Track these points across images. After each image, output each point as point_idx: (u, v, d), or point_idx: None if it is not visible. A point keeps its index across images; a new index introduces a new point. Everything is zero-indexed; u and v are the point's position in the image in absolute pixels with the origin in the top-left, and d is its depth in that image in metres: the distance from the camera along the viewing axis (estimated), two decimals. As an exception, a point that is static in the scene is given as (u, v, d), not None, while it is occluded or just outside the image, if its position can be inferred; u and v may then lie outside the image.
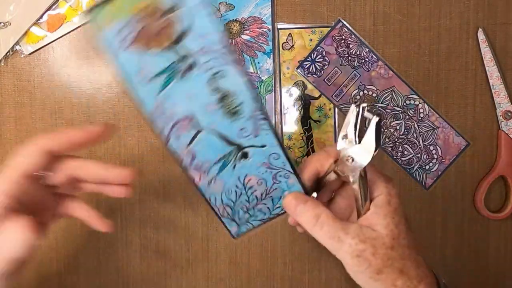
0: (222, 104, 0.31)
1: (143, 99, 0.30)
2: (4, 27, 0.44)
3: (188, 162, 0.33)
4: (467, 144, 0.47)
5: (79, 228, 0.47)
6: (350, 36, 0.46)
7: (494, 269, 0.48)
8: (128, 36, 0.28)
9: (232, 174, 0.34)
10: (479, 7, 0.46)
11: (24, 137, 0.46)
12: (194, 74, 0.30)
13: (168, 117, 0.31)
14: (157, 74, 0.30)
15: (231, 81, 0.30)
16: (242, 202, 0.35)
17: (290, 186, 0.34)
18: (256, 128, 0.32)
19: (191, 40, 0.29)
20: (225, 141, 0.32)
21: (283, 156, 0.33)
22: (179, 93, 0.30)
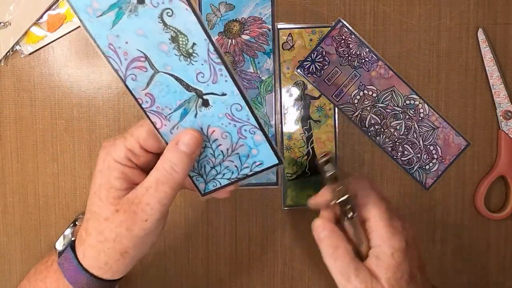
0: (175, 44, 0.30)
1: (95, 35, 0.30)
2: (4, 27, 0.44)
3: (148, 105, 0.32)
4: (467, 144, 0.47)
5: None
6: (350, 36, 0.46)
7: (494, 269, 0.48)
8: None
9: (195, 123, 0.33)
10: (479, 7, 0.46)
11: (24, 137, 0.46)
12: (143, 9, 0.29)
13: (122, 55, 0.30)
14: (106, 10, 0.29)
15: (181, 19, 0.29)
16: (208, 155, 0.34)
17: (257, 145, 0.34)
18: (213, 73, 0.31)
19: None
20: (183, 85, 0.32)
21: (246, 108, 0.32)
22: (131, 29, 0.30)
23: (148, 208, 0.31)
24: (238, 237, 0.47)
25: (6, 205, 0.46)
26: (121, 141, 0.32)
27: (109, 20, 0.29)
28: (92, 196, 0.33)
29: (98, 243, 0.32)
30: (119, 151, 0.32)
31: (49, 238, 0.47)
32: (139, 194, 0.32)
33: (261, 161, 0.35)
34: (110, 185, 0.32)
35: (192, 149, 0.32)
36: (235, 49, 0.45)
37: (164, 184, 0.31)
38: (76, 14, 0.29)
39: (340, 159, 0.47)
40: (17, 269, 0.47)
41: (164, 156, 0.32)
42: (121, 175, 0.32)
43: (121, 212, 0.32)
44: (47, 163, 0.46)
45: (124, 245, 0.32)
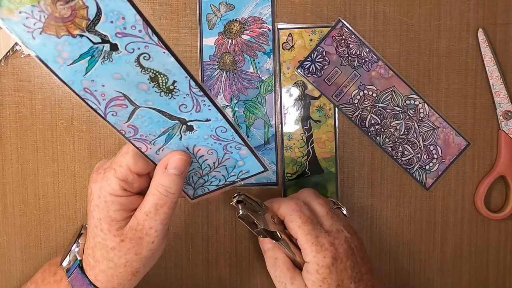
0: (155, 83, 0.30)
1: (68, 81, 0.29)
2: (4, 27, 0.44)
3: (131, 135, 0.32)
4: (467, 144, 0.47)
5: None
6: (350, 36, 0.46)
7: (494, 269, 0.48)
8: (36, 23, 0.27)
9: (180, 144, 0.33)
10: (479, 7, 0.46)
11: (24, 137, 0.46)
12: (118, 56, 0.28)
13: (100, 96, 0.30)
14: (77, 59, 0.28)
15: (159, 62, 0.29)
16: (195, 168, 0.35)
17: (243, 157, 0.35)
18: (196, 104, 0.31)
19: (105, 24, 0.27)
20: (165, 116, 0.31)
21: (230, 129, 0.33)
22: (106, 74, 0.29)
23: (152, 231, 0.33)
24: (238, 237, 0.47)
25: (6, 205, 0.46)
26: (112, 174, 0.33)
27: (82, 67, 0.28)
28: (93, 229, 0.34)
29: (108, 269, 0.34)
30: (113, 184, 0.32)
31: (49, 238, 0.47)
32: (141, 220, 0.33)
33: (247, 169, 0.36)
34: (110, 218, 0.33)
35: (181, 170, 0.33)
36: (235, 49, 0.45)
37: (163, 207, 0.33)
38: (44, 64, 0.28)
39: (340, 159, 0.47)
40: (17, 269, 0.47)
41: (156, 180, 0.33)
42: (119, 207, 0.33)
43: (127, 241, 0.33)
44: (47, 163, 0.46)
45: (134, 267, 0.34)
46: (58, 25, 0.27)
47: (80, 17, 0.27)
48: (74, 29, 0.27)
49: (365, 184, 0.47)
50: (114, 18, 0.27)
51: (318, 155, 0.46)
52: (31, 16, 0.26)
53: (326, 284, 0.36)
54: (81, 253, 0.37)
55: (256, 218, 0.36)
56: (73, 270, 0.36)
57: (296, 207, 0.38)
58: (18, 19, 0.26)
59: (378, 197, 0.47)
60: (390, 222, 0.47)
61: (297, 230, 0.37)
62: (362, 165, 0.47)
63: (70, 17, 0.27)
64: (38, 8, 0.26)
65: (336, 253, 0.36)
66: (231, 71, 0.46)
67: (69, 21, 0.27)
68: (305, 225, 0.37)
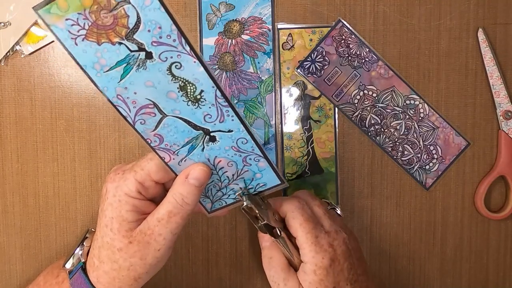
0: (183, 92, 0.31)
1: (103, 88, 0.30)
2: (4, 27, 0.44)
3: (156, 144, 0.33)
4: (467, 144, 0.47)
5: (79, 227, 0.47)
6: (350, 36, 0.46)
7: (494, 269, 0.48)
8: (80, 30, 0.28)
9: (202, 156, 0.34)
10: (479, 7, 0.46)
11: (24, 137, 0.46)
12: (151, 64, 0.30)
13: (131, 103, 0.31)
14: (114, 66, 0.30)
15: (189, 71, 0.30)
16: (214, 180, 0.36)
17: (261, 170, 0.36)
18: (220, 114, 0.32)
19: (142, 33, 0.29)
20: (191, 126, 0.33)
21: (251, 141, 0.34)
22: (139, 82, 0.30)
23: (161, 238, 0.33)
24: (238, 237, 0.47)
25: (6, 205, 0.46)
26: (131, 175, 0.34)
27: (117, 74, 0.30)
28: (103, 228, 0.34)
29: (112, 270, 0.34)
30: (130, 185, 0.33)
31: (49, 238, 0.47)
32: (152, 226, 0.33)
33: (265, 182, 0.37)
34: (122, 218, 0.33)
35: (201, 182, 0.33)
36: (235, 49, 0.45)
37: (176, 215, 0.33)
38: (83, 70, 0.30)
39: (340, 159, 0.47)
40: (17, 269, 0.47)
41: (174, 189, 0.33)
42: (132, 208, 0.33)
43: (135, 243, 0.33)
44: (47, 163, 0.46)
45: (138, 272, 0.34)
46: (100, 33, 0.28)
47: (120, 26, 0.28)
48: (114, 37, 0.29)
49: (365, 184, 0.47)
50: (152, 27, 0.28)
51: (318, 155, 0.46)
52: (76, 23, 0.28)
53: (323, 285, 0.36)
54: (85, 255, 0.38)
55: (260, 212, 0.36)
56: (76, 272, 0.36)
57: (298, 205, 0.38)
58: (64, 26, 0.28)
59: (378, 197, 0.47)
60: (390, 222, 0.47)
61: (298, 227, 0.37)
62: (362, 165, 0.47)
63: (112, 25, 0.28)
64: (83, 16, 0.28)
65: (335, 255, 0.36)
66: (231, 71, 0.46)
67: (110, 29, 0.28)
68: (307, 223, 0.37)
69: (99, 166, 0.46)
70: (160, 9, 0.28)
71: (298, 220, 0.37)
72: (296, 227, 0.37)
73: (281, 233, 0.37)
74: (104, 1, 0.27)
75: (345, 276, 0.37)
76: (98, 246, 0.35)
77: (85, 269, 0.36)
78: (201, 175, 0.33)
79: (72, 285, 0.36)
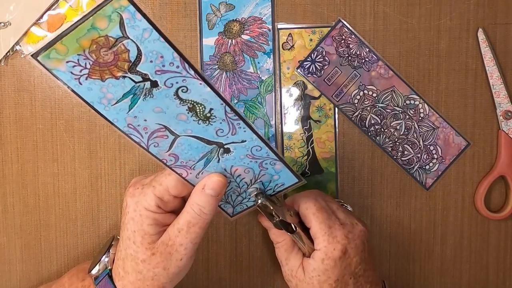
0: (193, 113, 0.32)
1: (113, 120, 0.31)
2: (4, 27, 0.44)
3: (172, 162, 0.34)
4: (467, 144, 0.47)
5: (79, 227, 0.47)
6: (350, 36, 0.46)
7: (494, 269, 0.48)
8: (82, 70, 0.29)
9: (218, 167, 0.35)
10: (479, 7, 0.46)
11: (24, 137, 0.46)
12: (158, 91, 0.30)
13: (142, 130, 0.32)
14: (121, 98, 0.30)
15: (196, 93, 0.31)
16: (233, 187, 0.37)
17: (278, 172, 0.36)
18: (232, 128, 0.33)
19: (145, 65, 0.29)
20: (204, 142, 0.33)
21: (265, 147, 0.34)
22: (148, 109, 0.31)
23: (182, 248, 0.34)
24: (238, 237, 0.47)
25: (6, 205, 0.46)
26: (150, 190, 0.34)
27: (125, 105, 0.30)
28: (126, 241, 0.35)
29: (137, 280, 0.35)
30: (149, 200, 0.34)
31: (49, 238, 0.47)
32: (172, 236, 0.34)
33: (282, 182, 0.37)
34: (144, 232, 0.34)
35: (218, 192, 0.34)
36: (235, 49, 0.45)
37: (195, 225, 0.34)
38: (91, 107, 0.30)
39: (340, 159, 0.47)
40: (17, 269, 0.47)
41: (192, 200, 0.34)
42: (153, 222, 0.34)
43: (157, 254, 0.34)
44: (47, 163, 0.46)
45: (161, 282, 0.35)
46: (102, 70, 0.29)
47: (122, 60, 0.29)
48: (117, 72, 0.29)
49: (365, 184, 0.47)
50: (153, 57, 0.29)
51: (318, 155, 0.46)
52: (77, 64, 0.28)
53: (326, 276, 0.36)
54: (111, 262, 0.38)
55: (274, 209, 0.36)
56: (102, 279, 0.37)
57: (312, 195, 0.39)
58: (65, 69, 0.28)
59: (378, 197, 0.47)
60: (390, 222, 0.47)
61: (312, 217, 0.37)
62: (362, 165, 0.47)
63: (113, 61, 0.29)
64: (83, 56, 0.28)
65: (347, 248, 0.36)
66: (231, 71, 0.46)
67: (112, 65, 0.29)
68: (320, 213, 0.37)
69: (99, 166, 0.46)
70: (160, 40, 0.28)
71: (311, 210, 0.38)
72: (310, 217, 0.37)
73: (297, 228, 0.37)
74: (102, 40, 0.28)
75: (351, 270, 0.37)
76: (122, 258, 0.36)
77: (111, 276, 0.37)
78: (217, 185, 0.34)
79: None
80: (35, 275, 0.47)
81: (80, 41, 0.27)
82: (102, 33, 0.27)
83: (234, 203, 0.38)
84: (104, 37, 0.28)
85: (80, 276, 0.39)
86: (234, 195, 0.37)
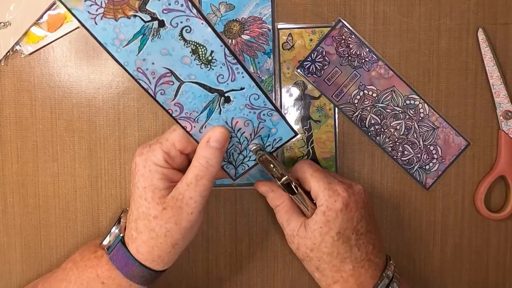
0: (196, 55, 0.34)
1: (124, 62, 0.33)
2: (4, 27, 0.44)
3: (177, 113, 0.36)
4: (467, 144, 0.47)
5: (79, 227, 0.47)
6: (350, 36, 0.46)
7: (494, 269, 0.48)
8: (98, 9, 0.31)
9: (220, 119, 0.37)
10: (479, 7, 0.46)
11: (24, 137, 0.46)
12: (164, 32, 0.33)
13: (150, 75, 0.34)
14: (131, 39, 0.32)
15: (199, 33, 0.33)
16: (234, 144, 0.38)
17: (275, 124, 0.38)
18: (231, 73, 0.35)
19: (153, 3, 0.32)
20: (206, 89, 0.35)
21: (262, 96, 0.36)
22: (155, 51, 0.33)
23: (192, 201, 0.35)
24: (238, 237, 0.47)
25: (6, 205, 0.46)
26: (158, 146, 0.36)
27: (135, 47, 0.33)
28: (138, 199, 0.36)
29: (150, 239, 0.36)
30: (158, 155, 0.36)
31: (49, 238, 0.47)
32: (182, 190, 0.35)
33: (280, 137, 0.39)
34: (154, 186, 0.35)
35: (222, 143, 0.36)
36: (235, 49, 0.45)
37: (203, 178, 0.35)
38: (104, 48, 0.32)
39: (340, 159, 0.47)
40: (17, 269, 0.47)
41: (198, 154, 0.36)
42: (162, 176, 0.36)
43: (168, 209, 0.35)
44: (47, 163, 0.46)
45: (174, 238, 0.36)
46: (116, 8, 0.31)
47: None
48: (129, 11, 0.32)
49: (365, 184, 0.47)
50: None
51: (318, 155, 0.46)
52: (94, 3, 0.31)
53: (327, 227, 0.37)
54: (122, 230, 0.39)
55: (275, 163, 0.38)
56: (115, 246, 0.38)
57: (307, 161, 0.41)
58: (83, 8, 0.31)
59: (378, 197, 0.47)
60: (390, 222, 0.47)
61: (310, 178, 0.38)
62: (362, 165, 0.47)
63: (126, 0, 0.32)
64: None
65: (348, 201, 0.37)
66: (231, 71, 0.46)
67: (124, 3, 0.32)
68: (317, 173, 0.39)
69: (99, 166, 0.46)
70: None
71: (308, 172, 0.39)
72: (308, 178, 0.39)
73: (298, 189, 0.38)
74: None
75: (353, 225, 0.37)
76: (134, 219, 0.37)
77: (124, 242, 0.38)
78: (221, 137, 0.36)
79: (112, 259, 0.37)
80: (35, 275, 0.47)
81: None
82: None
83: (236, 162, 0.39)
84: None
85: (91, 249, 0.40)
86: (236, 153, 0.38)
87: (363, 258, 0.38)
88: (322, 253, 0.37)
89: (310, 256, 0.38)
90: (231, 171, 0.40)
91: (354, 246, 0.37)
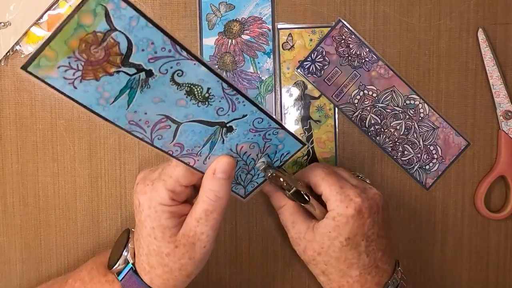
0: (191, 96, 0.31)
1: (114, 119, 0.30)
2: (4, 27, 0.44)
3: (178, 153, 0.33)
4: (467, 144, 0.47)
5: (79, 227, 0.47)
6: (350, 36, 0.46)
7: (494, 269, 0.48)
8: (75, 73, 0.27)
9: (224, 148, 0.35)
10: (479, 7, 0.46)
11: (24, 137, 0.46)
12: (154, 80, 0.29)
13: (144, 124, 0.31)
14: (118, 95, 0.29)
15: (192, 74, 0.30)
16: (241, 166, 0.37)
17: (282, 140, 0.37)
18: (231, 104, 0.33)
19: (137, 55, 0.28)
20: (206, 124, 0.33)
21: (266, 118, 0.34)
22: (147, 101, 0.30)
23: (204, 236, 0.34)
24: (238, 237, 0.47)
25: (6, 205, 0.46)
26: (161, 184, 0.34)
27: (123, 102, 0.29)
28: (147, 238, 0.35)
29: (164, 273, 0.35)
30: (162, 194, 0.34)
31: (49, 238, 0.47)
32: (192, 227, 0.34)
33: (288, 150, 0.38)
34: (163, 226, 0.34)
35: (229, 173, 0.34)
36: (235, 49, 0.45)
37: (213, 212, 0.34)
38: (89, 110, 0.29)
39: (340, 159, 0.47)
40: (17, 269, 0.47)
41: (205, 187, 0.34)
42: (170, 215, 0.34)
43: (181, 246, 0.34)
44: (47, 163, 0.46)
45: (189, 271, 0.35)
46: (95, 68, 0.28)
47: (114, 54, 0.28)
48: (110, 68, 0.28)
49: (365, 184, 0.47)
50: (144, 45, 0.28)
51: (318, 155, 0.46)
52: (69, 68, 0.27)
53: (336, 232, 0.36)
54: (132, 256, 0.38)
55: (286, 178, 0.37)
56: (126, 273, 0.37)
57: (318, 164, 0.40)
58: (57, 75, 0.27)
59: (378, 197, 0.47)
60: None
61: (321, 182, 0.37)
62: (362, 165, 0.47)
63: (105, 57, 0.27)
64: (74, 58, 0.27)
65: (361, 206, 0.36)
66: (231, 71, 0.46)
67: (104, 61, 0.28)
68: (329, 177, 0.37)
69: (99, 166, 0.46)
70: (148, 26, 0.27)
71: (320, 175, 0.38)
72: (319, 182, 0.37)
73: (309, 197, 0.37)
74: (90, 37, 0.26)
75: (364, 231, 0.36)
76: (145, 254, 0.36)
77: (135, 270, 0.37)
78: (227, 167, 0.34)
79: (124, 286, 0.36)
80: (35, 275, 0.47)
81: (69, 42, 0.26)
82: (89, 30, 0.26)
83: (245, 182, 0.38)
84: (92, 34, 0.26)
85: (101, 271, 0.39)
86: (243, 174, 0.37)
87: (371, 264, 0.37)
88: (329, 257, 0.37)
89: (317, 260, 0.37)
90: (240, 191, 0.38)
91: (363, 252, 0.36)
